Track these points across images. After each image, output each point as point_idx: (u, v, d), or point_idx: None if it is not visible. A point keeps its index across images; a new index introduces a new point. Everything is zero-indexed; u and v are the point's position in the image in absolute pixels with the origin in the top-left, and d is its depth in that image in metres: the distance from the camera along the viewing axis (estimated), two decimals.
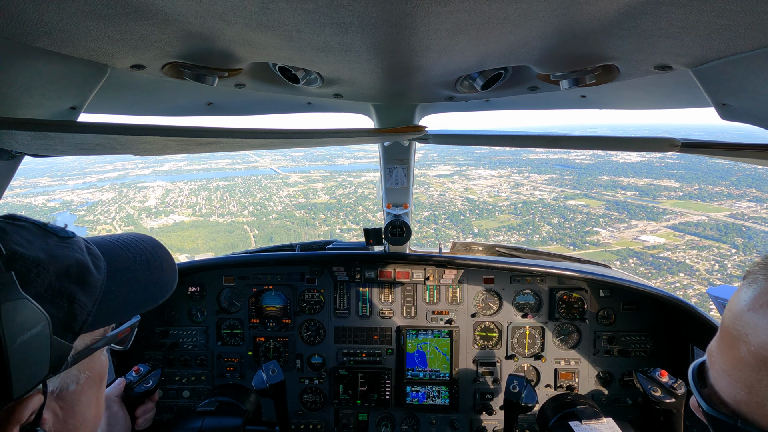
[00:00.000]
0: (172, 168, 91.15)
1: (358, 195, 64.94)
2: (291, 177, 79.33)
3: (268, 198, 68.22)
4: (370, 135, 2.20)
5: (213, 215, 62.64)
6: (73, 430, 0.76)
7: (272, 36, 1.08)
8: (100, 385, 0.83)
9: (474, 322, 3.25)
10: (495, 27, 1.00)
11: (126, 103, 1.87)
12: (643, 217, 51.57)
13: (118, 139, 1.23)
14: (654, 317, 3.11)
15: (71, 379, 0.75)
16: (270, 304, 3.32)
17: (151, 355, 3.26)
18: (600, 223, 50.75)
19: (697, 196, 55.66)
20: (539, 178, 69.10)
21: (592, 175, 66.99)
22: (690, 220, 48.80)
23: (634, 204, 55.14)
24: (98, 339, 0.79)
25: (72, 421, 0.76)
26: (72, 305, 0.69)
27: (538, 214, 55.20)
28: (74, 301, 0.69)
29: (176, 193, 73.09)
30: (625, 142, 2.02)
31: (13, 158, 1.43)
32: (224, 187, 75.21)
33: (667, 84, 1.55)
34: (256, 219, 59.91)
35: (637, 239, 45.19)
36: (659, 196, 56.89)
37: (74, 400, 0.76)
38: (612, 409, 3.10)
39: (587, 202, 56.89)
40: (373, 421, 3.27)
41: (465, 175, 71.14)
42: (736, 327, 0.77)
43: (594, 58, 1.25)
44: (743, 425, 0.74)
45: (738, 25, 0.90)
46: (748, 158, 1.58)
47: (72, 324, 0.69)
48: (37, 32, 0.96)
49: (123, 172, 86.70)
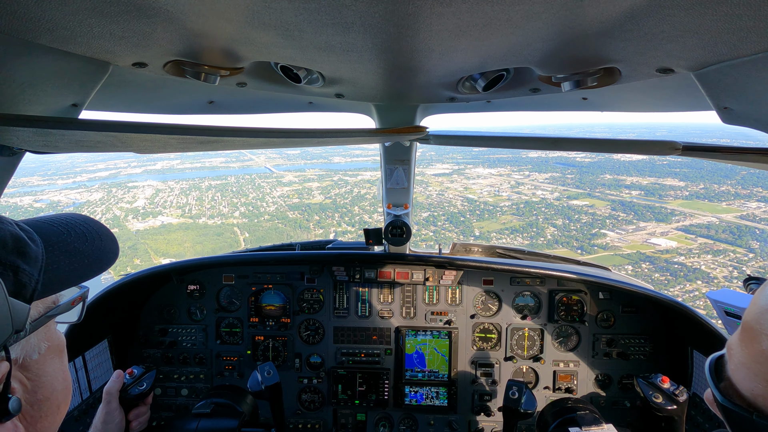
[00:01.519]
0: (165, 167, 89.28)
1: (354, 195, 63.44)
2: (286, 176, 77.74)
3: (261, 198, 66.63)
4: (371, 135, 2.20)
5: (203, 216, 61.02)
6: (44, 400, 0.79)
7: (274, 35, 1.08)
8: (61, 356, 0.86)
9: (473, 323, 3.25)
10: (497, 28, 1.00)
11: (127, 101, 1.87)
12: (651, 218, 50.19)
13: (119, 136, 1.23)
14: (653, 320, 3.11)
15: (32, 349, 0.77)
16: (269, 303, 3.32)
17: (150, 353, 3.26)
18: (607, 225, 49.30)
19: (703, 195, 54.36)
20: (540, 177, 67.62)
21: (594, 174, 65.53)
22: (700, 222, 47.37)
23: (641, 204, 53.77)
24: (50, 307, 0.81)
25: (41, 392, 0.78)
26: (17, 274, 0.71)
27: (542, 215, 53.68)
28: (18, 270, 0.71)
29: (166, 193, 71.31)
30: (626, 145, 2.01)
31: (14, 155, 1.43)
32: (216, 187, 73.47)
33: (668, 87, 1.54)
34: (247, 221, 58.36)
35: (648, 242, 43.79)
36: (665, 195, 55.53)
37: (40, 371, 0.78)
38: (610, 412, 3.09)
39: (591, 202, 55.53)
40: (371, 422, 3.27)
41: (464, 174, 69.72)
42: (760, 321, 0.78)
43: (596, 60, 1.25)
44: (758, 418, 0.75)
45: (740, 29, 0.90)
46: (750, 162, 1.58)
47: (22, 291, 0.71)
48: (39, 29, 0.96)
49: (114, 171, 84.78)
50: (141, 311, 3.29)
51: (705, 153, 1.58)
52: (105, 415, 1.99)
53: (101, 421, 1.99)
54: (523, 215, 54.11)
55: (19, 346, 0.74)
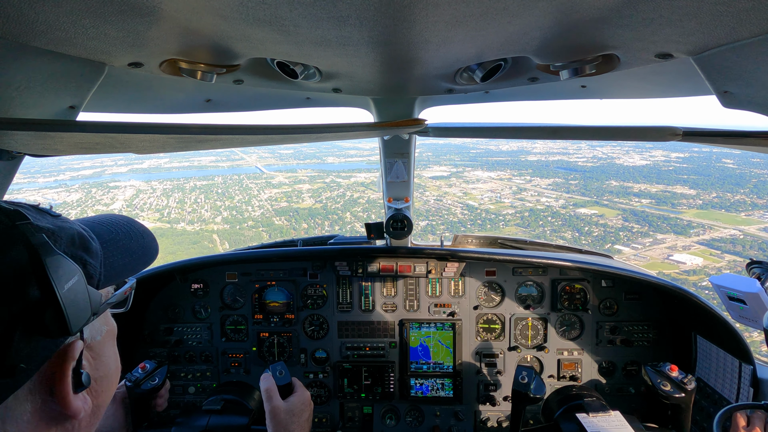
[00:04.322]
0: (152, 165, 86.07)
1: (346, 199, 60.31)
2: (276, 177, 75.10)
3: (246, 201, 63.58)
4: (369, 129, 2.20)
5: (182, 221, 57.84)
6: (104, 377, 0.90)
7: (269, 31, 1.07)
8: (114, 340, 0.96)
9: (476, 314, 3.26)
10: (494, 18, 0.99)
11: (125, 102, 1.86)
12: (667, 230, 46.39)
13: (118, 137, 1.23)
14: (656, 307, 3.12)
15: (96, 331, 0.88)
16: (273, 300, 3.33)
17: (156, 351, 3.29)
18: (621, 238, 45.04)
19: (719, 205, 51.09)
20: (543, 183, 64.75)
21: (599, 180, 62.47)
22: (722, 235, 43.76)
23: (654, 214, 50.13)
24: (109, 296, 0.91)
25: (102, 369, 0.89)
26: (86, 267, 0.80)
27: (549, 225, 50.26)
28: (86, 263, 0.81)
29: (147, 194, 68.34)
30: (625, 132, 2.01)
31: (13, 158, 1.43)
32: (201, 188, 70.28)
33: (668, 72, 1.53)
34: (229, 227, 55.22)
35: (670, 259, 39.36)
36: (678, 204, 52.20)
37: (100, 351, 0.89)
38: (615, 398, 3.11)
39: (600, 210, 52.32)
40: (377, 414, 3.29)
41: (463, 177, 67.57)
42: None
43: (594, 47, 1.24)
44: None
45: (739, 12, 0.89)
46: (750, 146, 1.57)
47: (90, 282, 0.81)
48: (33, 32, 0.96)
49: (99, 170, 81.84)
50: (146, 311, 3.31)
51: (706, 138, 1.57)
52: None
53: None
54: (528, 226, 50.98)
55: (88, 329, 0.85)
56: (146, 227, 1.06)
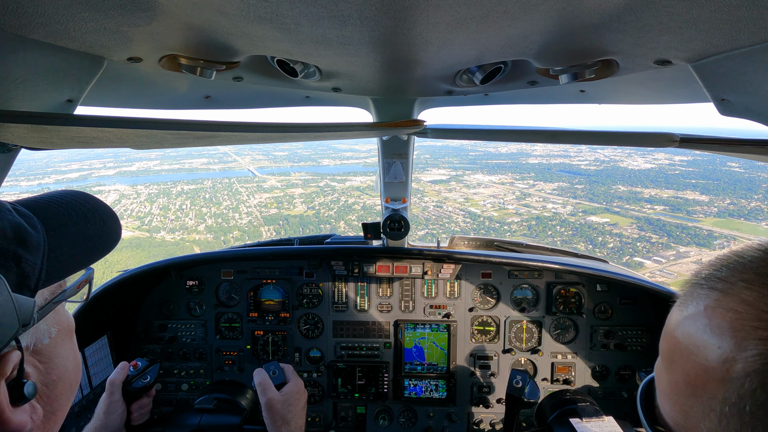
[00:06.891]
0: (141, 168, 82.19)
1: (340, 205, 57.03)
2: (268, 180, 72.04)
3: (234, 207, 60.07)
4: (368, 129, 2.19)
5: (162, 230, 54.22)
6: (58, 380, 0.82)
7: (270, 28, 1.07)
8: (71, 337, 0.87)
9: (472, 316, 3.26)
10: (495, 20, 0.99)
11: (123, 96, 1.86)
12: (689, 241, 43.40)
13: (115, 132, 1.22)
14: (650, 312, 3.13)
15: (42, 334, 0.78)
16: (268, 298, 3.32)
17: (150, 348, 3.27)
18: (640, 250, 41.64)
19: (736, 213, 48.58)
20: (547, 187, 61.95)
21: (605, 185, 59.63)
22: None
23: (671, 223, 46.98)
24: (57, 293, 0.81)
25: (55, 372, 0.81)
26: (20, 265, 0.69)
27: (558, 236, 46.92)
28: (21, 260, 0.70)
29: (131, 199, 64.77)
30: (623, 137, 2.02)
31: (9, 151, 1.42)
32: (188, 192, 66.36)
33: (666, 79, 1.54)
34: (212, 237, 51.73)
35: None
36: (693, 212, 49.32)
37: (51, 353, 0.80)
38: (608, 402, 3.12)
39: (613, 219, 48.88)
40: (371, 414, 3.29)
41: (463, 181, 65.01)
42: (671, 349, 0.74)
43: (593, 52, 1.25)
44: None
45: (738, 20, 0.89)
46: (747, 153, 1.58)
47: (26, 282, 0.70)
48: (32, 24, 0.95)
49: (86, 173, 78.31)
50: (140, 307, 3.29)
51: (703, 145, 1.58)
52: (108, 406, 1.99)
53: (104, 411, 1.99)
54: (536, 236, 47.91)
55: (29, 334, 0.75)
56: (108, 207, 0.93)
